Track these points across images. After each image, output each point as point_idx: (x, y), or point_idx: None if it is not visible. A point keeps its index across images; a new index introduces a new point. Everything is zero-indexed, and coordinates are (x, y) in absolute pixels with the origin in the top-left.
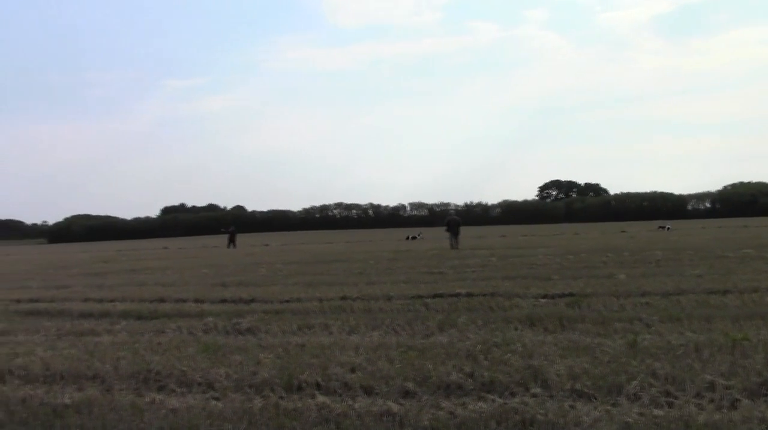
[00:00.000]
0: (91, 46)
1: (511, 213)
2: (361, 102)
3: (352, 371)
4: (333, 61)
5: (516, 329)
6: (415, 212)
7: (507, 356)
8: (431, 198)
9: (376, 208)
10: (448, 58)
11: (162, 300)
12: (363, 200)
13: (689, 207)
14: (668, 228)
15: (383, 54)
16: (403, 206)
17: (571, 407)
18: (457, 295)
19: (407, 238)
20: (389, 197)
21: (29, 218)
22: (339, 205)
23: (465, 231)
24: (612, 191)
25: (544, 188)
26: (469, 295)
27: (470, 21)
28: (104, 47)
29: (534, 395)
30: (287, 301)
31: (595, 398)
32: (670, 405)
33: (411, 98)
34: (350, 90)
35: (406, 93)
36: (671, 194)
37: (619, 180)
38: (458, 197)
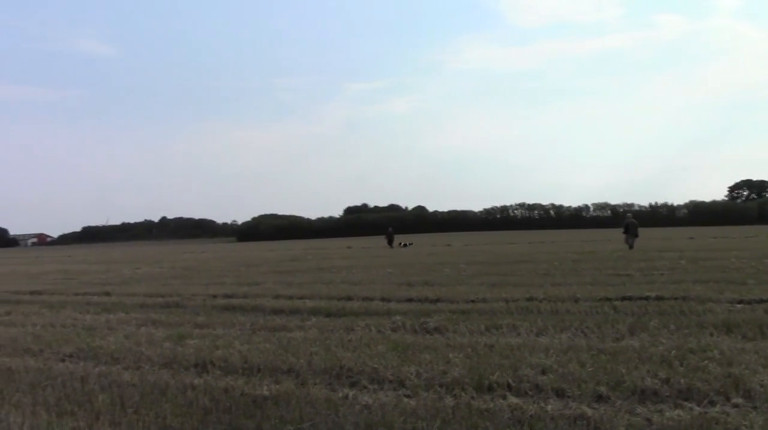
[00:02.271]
0: (281, 53)
1: (699, 214)
2: (542, 101)
3: (543, 373)
4: (513, 60)
5: (711, 334)
6: (598, 213)
7: (704, 363)
8: (615, 198)
9: (558, 208)
10: (631, 54)
11: (349, 298)
12: (545, 200)
13: None
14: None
15: (564, 52)
16: (586, 207)
17: None
18: (647, 298)
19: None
20: (572, 198)
21: (220, 218)
22: (521, 205)
23: (650, 233)
24: None
25: (734, 188)
26: (659, 298)
27: (654, 14)
28: (293, 53)
29: (736, 406)
30: (473, 301)
31: None
32: None
33: (593, 96)
34: (531, 89)
35: (588, 91)
36: None
37: None
38: (643, 198)
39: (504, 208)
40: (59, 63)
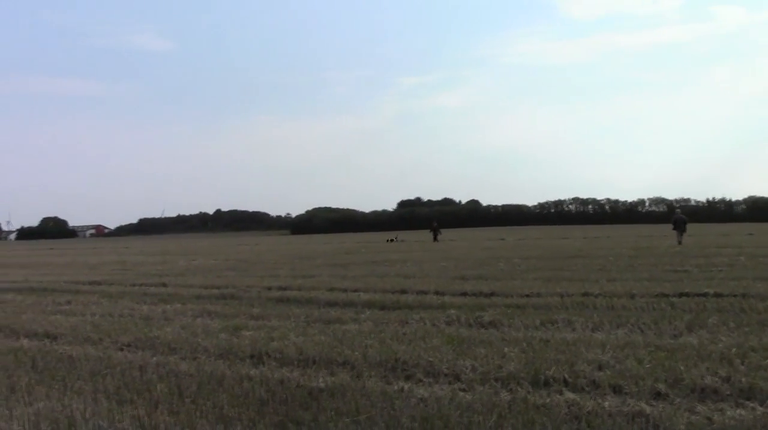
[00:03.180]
0: (330, 47)
1: (759, 210)
2: (596, 94)
3: (600, 369)
4: (566, 53)
5: None
6: (654, 208)
7: (766, 361)
8: (671, 193)
9: (614, 203)
10: (687, 47)
11: (403, 291)
12: (599, 195)
13: None
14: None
15: (618, 45)
16: (641, 202)
17: None
18: (705, 295)
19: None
20: (627, 192)
21: (274, 211)
22: (575, 199)
23: (707, 228)
24: None
25: None
26: (718, 295)
27: (713, 6)
28: (342, 47)
29: None
30: (527, 295)
31: None
32: None
33: (649, 89)
34: (585, 83)
35: (644, 84)
36: None
37: None
38: (699, 193)
39: (558, 203)
40: (115, 58)
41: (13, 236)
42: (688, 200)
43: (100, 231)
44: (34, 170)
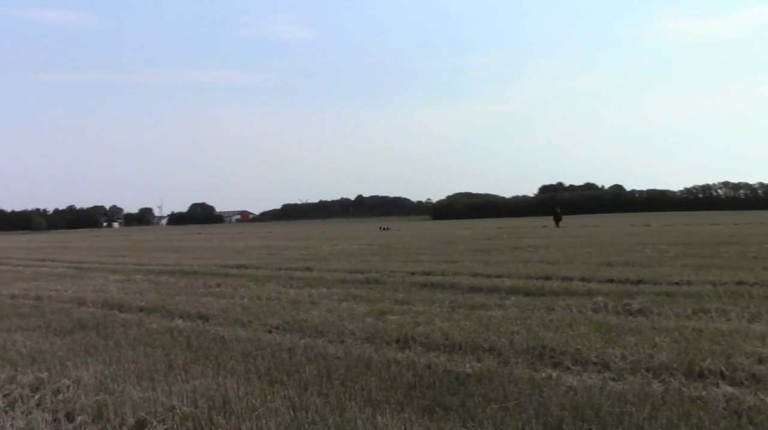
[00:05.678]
0: (469, 30)
1: None
2: (746, 73)
3: (760, 362)
4: (714, 31)
5: None
6: None
7: None
8: None
9: (767, 187)
10: None
11: (548, 277)
12: (752, 179)
13: None
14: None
15: None
16: None
17: None
18: None
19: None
20: None
21: (414, 196)
22: (725, 184)
23: None
24: None
25: None
26: None
27: None
28: (481, 31)
29: None
30: (677, 283)
31: None
32: None
33: None
34: (733, 61)
35: None
36: None
37: None
38: None
39: (706, 187)
40: (259, 48)
41: (164, 221)
42: None
43: (245, 217)
44: (184, 158)
